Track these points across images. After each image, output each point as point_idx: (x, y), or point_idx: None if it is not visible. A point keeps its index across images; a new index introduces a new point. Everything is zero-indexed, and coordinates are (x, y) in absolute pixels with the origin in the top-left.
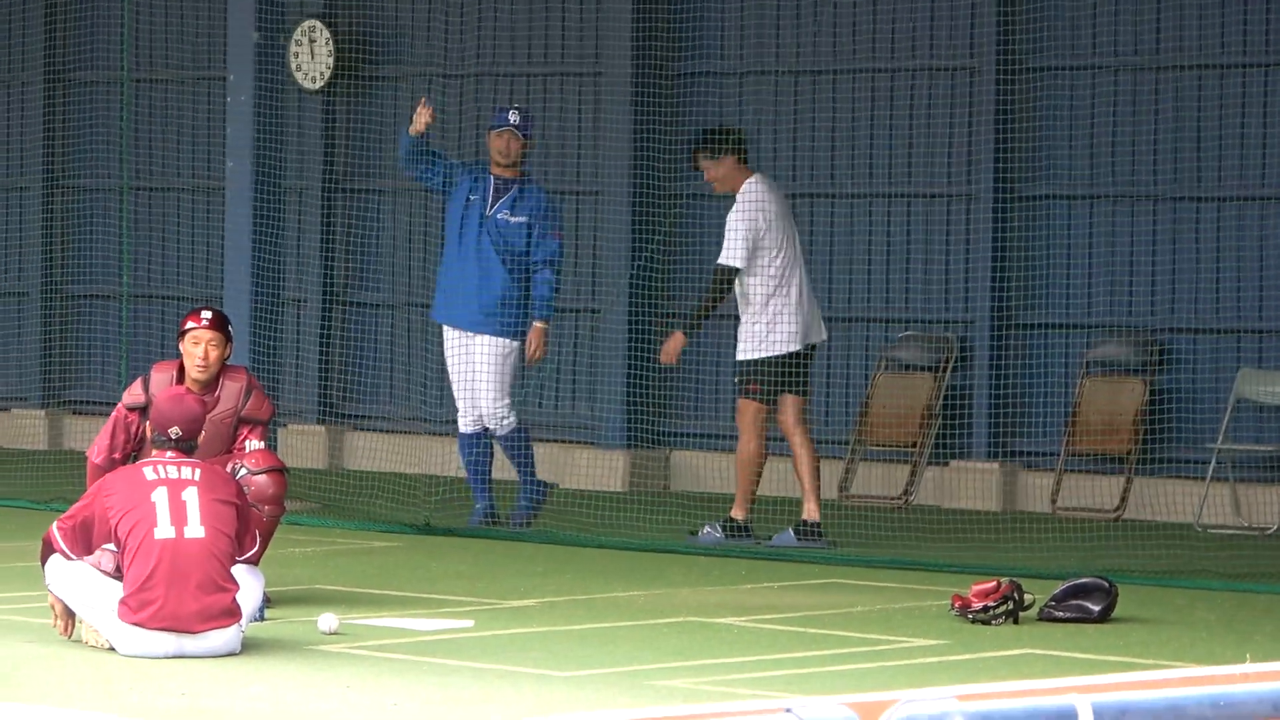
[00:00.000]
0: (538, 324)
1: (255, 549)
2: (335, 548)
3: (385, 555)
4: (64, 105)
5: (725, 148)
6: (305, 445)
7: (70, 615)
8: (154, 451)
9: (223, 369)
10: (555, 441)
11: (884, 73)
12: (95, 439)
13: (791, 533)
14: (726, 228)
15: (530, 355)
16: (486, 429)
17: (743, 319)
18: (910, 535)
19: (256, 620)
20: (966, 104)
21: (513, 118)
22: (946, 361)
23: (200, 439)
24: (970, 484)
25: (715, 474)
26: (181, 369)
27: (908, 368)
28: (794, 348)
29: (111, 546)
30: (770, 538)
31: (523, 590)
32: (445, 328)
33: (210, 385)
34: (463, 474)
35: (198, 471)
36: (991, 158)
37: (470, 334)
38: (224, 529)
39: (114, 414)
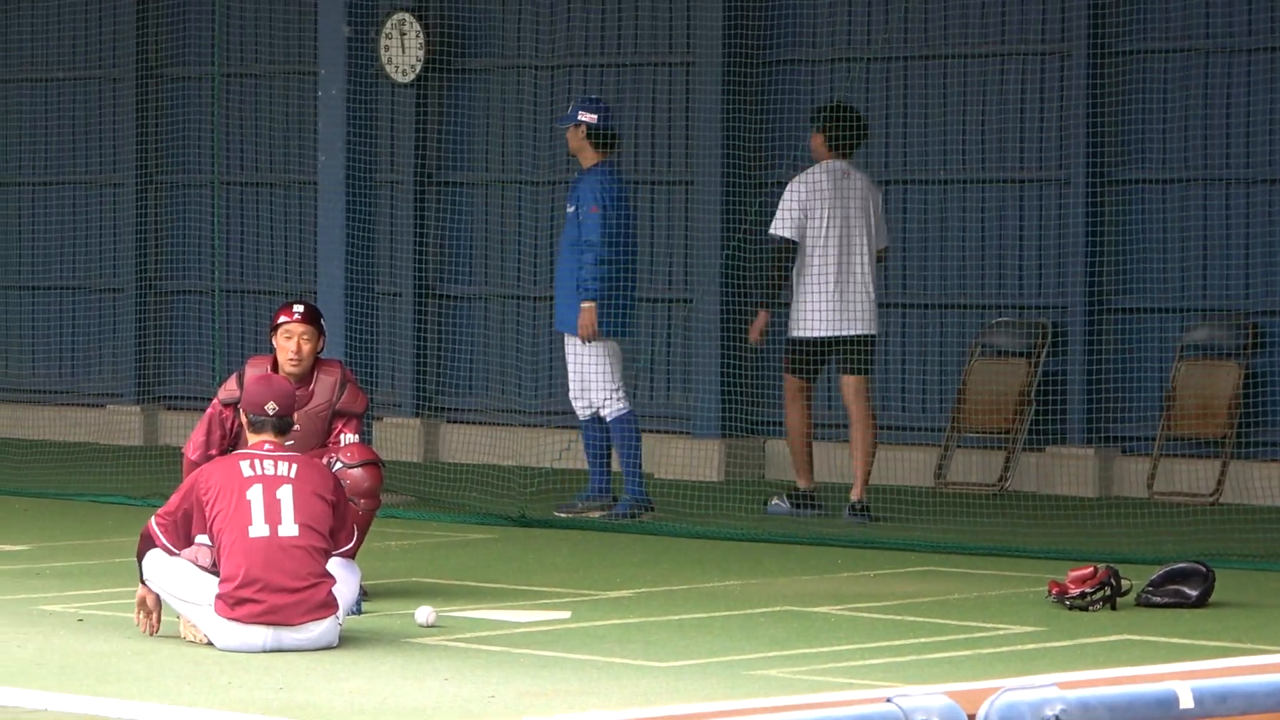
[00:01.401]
0: (583, 304)
1: (350, 545)
2: (431, 540)
3: (481, 547)
4: (156, 101)
5: (819, 124)
6: (400, 438)
7: (158, 610)
8: (251, 439)
9: (317, 363)
10: (650, 432)
11: (975, 58)
12: (191, 435)
13: (786, 501)
14: (788, 198)
15: (580, 334)
16: (598, 415)
17: (794, 296)
18: (1007, 521)
19: (353, 614)
20: (1058, 88)
21: (572, 111)
22: (1041, 346)
23: (295, 427)
24: (1066, 469)
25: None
26: (275, 364)
27: (1002, 353)
28: (838, 331)
29: (207, 541)
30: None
31: (620, 581)
32: None
33: (304, 379)
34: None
35: (294, 467)
36: (1084, 142)
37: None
38: (318, 525)
39: (209, 410)
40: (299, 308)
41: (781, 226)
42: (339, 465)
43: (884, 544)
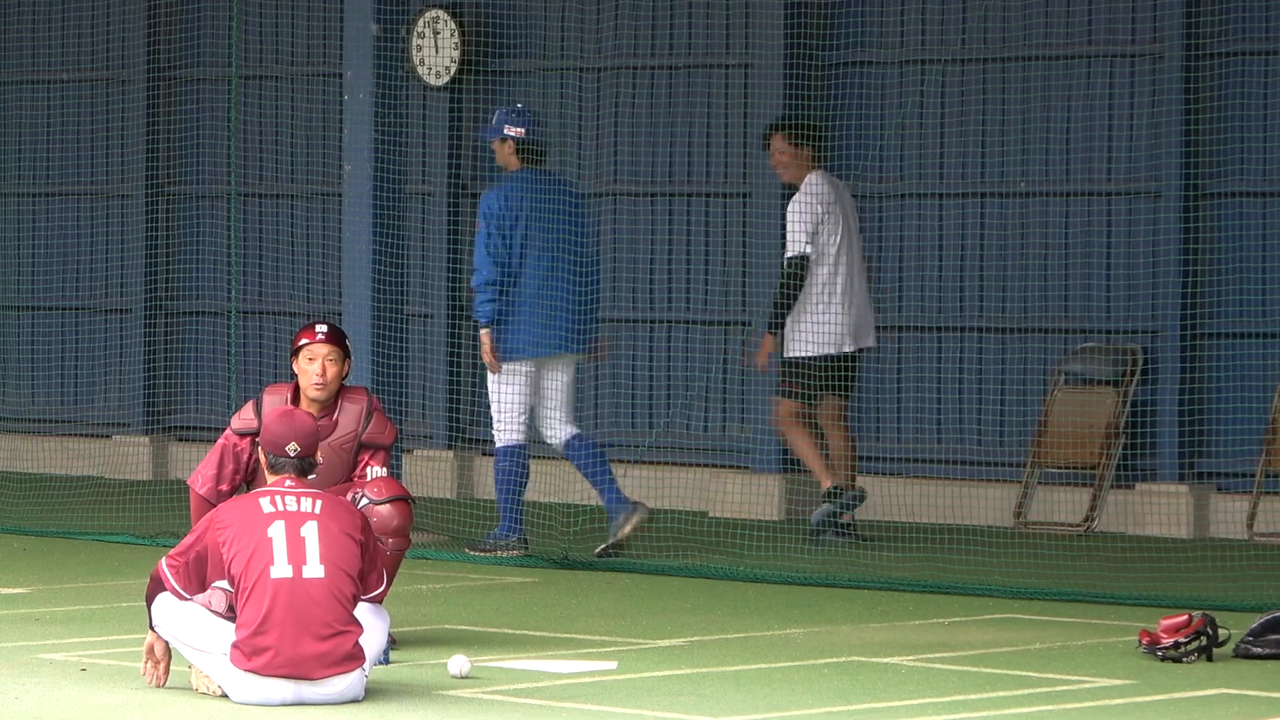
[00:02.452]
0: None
1: (380, 590)
2: (466, 584)
3: (520, 591)
4: (168, 105)
5: (808, 139)
6: (432, 472)
7: (168, 659)
8: (270, 479)
9: (341, 390)
10: (704, 466)
11: (1058, 60)
12: (199, 467)
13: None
14: (788, 218)
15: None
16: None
17: (791, 315)
18: (1093, 565)
19: (381, 664)
20: (1149, 93)
21: (497, 123)
22: (1130, 374)
23: (318, 462)
24: (1158, 508)
25: (875, 499)
26: (297, 391)
27: (1088, 381)
28: (842, 349)
29: (224, 585)
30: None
31: (670, 629)
32: None
33: (328, 406)
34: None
35: (318, 503)
36: (1178, 151)
37: None
38: (346, 567)
39: (221, 440)
40: (322, 328)
41: (798, 246)
42: (365, 501)
43: (959, 589)
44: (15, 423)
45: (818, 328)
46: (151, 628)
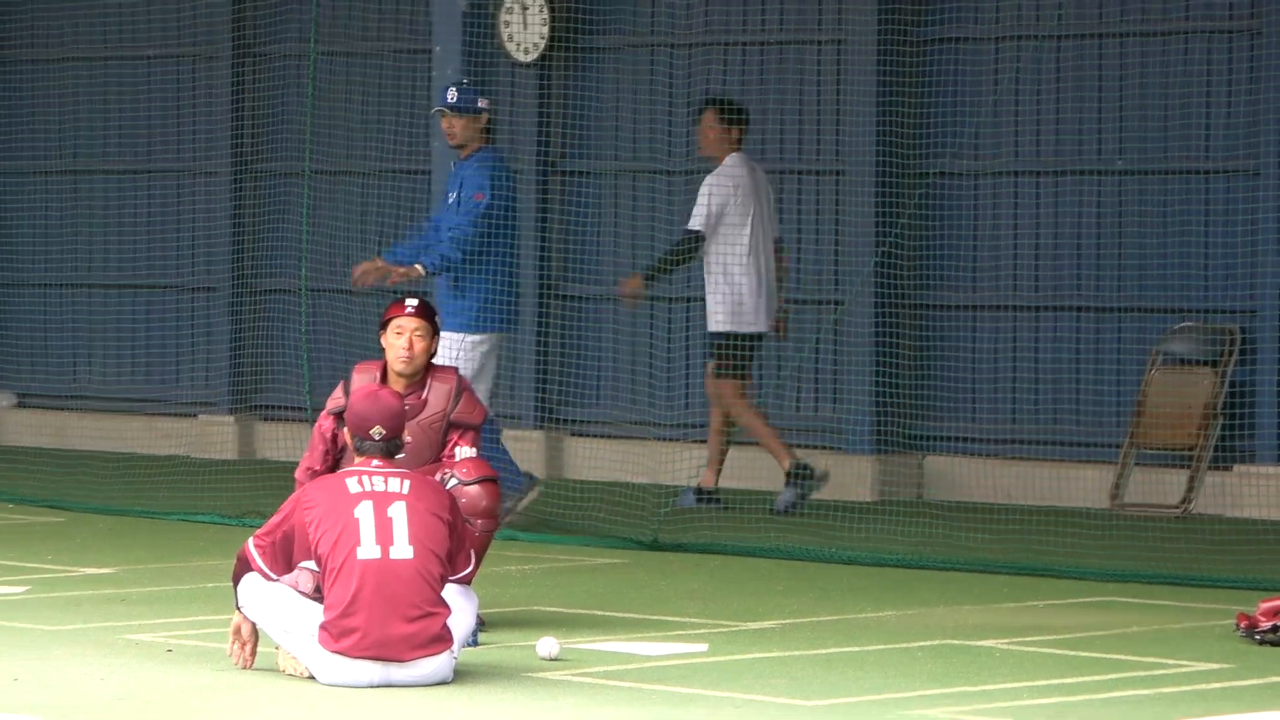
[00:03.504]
0: (405, 266)
1: (467, 570)
2: (555, 565)
3: (610, 573)
4: (254, 81)
5: (739, 121)
6: (521, 452)
7: (254, 641)
8: (357, 460)
9: (430, 369)
10: (796, 447)
11: (1155, 36)
12: (303, 457)
13: (693, 494)
14: (700, 193)
15: (359, 278)
16: None
17: (711, 291)
18: (1190, 547)
19: (469, 645)
20: (1247, 69)
21: (449, 95)
22: (1228, 354)
23: (405, 442)
24: (1256, 490)
25: (973, 481)
26: (385, 369)
27: (1185, 362)
28: (759, 328)
29: (311, 565)
30: (677, 496)
31: (762, 611)
32: None
33: (416, 382)
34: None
35: (406, 483)
36: (1277, 129)
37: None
38: (434, 547)
39: (317, 424)
40: (412, 302)
41: (697, 222)
42: (454, 482)
43: (1054, 572)
44: (102, 401)
45: (743, 304)
46: (238, 608)
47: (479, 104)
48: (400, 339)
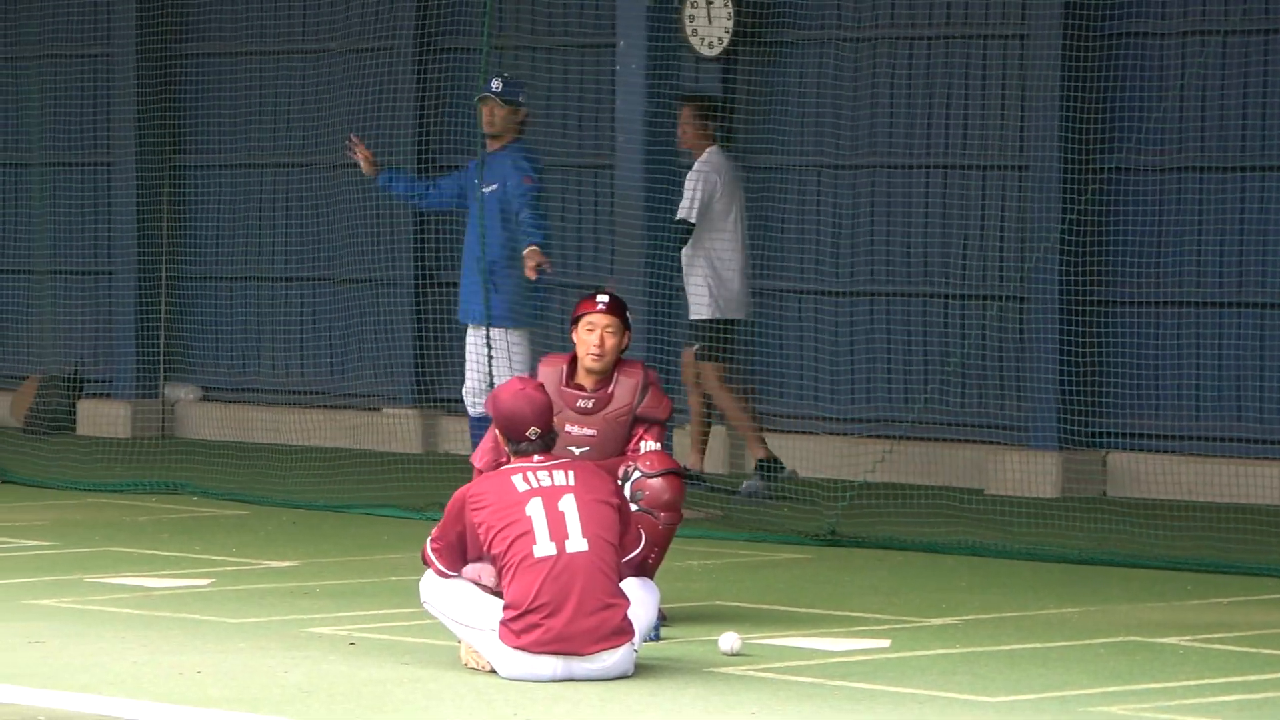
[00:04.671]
0: (529, 248)
1: (638, 550)
2: (736, 560)
3: (791, 568)
4: (437, 75)
5: (716, 116)
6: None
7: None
8: (513, 459)
9: (618, 362)
10: (980, 443)
11: None
12: (480, 442)
13: (757, 479)
14: (687, 184)
15: (530, 274)
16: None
17: (693, 278)
18: None
19: (651, 640)
20: None
21: (495, 85)
22: None
23: (559, 433)
24: None
25: (1158, 478)
26: (573, 362)
27: None
28: (741, 315)
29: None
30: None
31: (944, 607)
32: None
33: (605, 378)
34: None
35: (571, 474)
36: None
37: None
38: (608, 536)
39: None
40: (604, 298)
41: (688, 210)
42: (637, 474)
43: (1238, 569)
44: (284, 395)
45: (727, 291)
46: (423, 605)
47: (520, 98)
48: (592, 335)
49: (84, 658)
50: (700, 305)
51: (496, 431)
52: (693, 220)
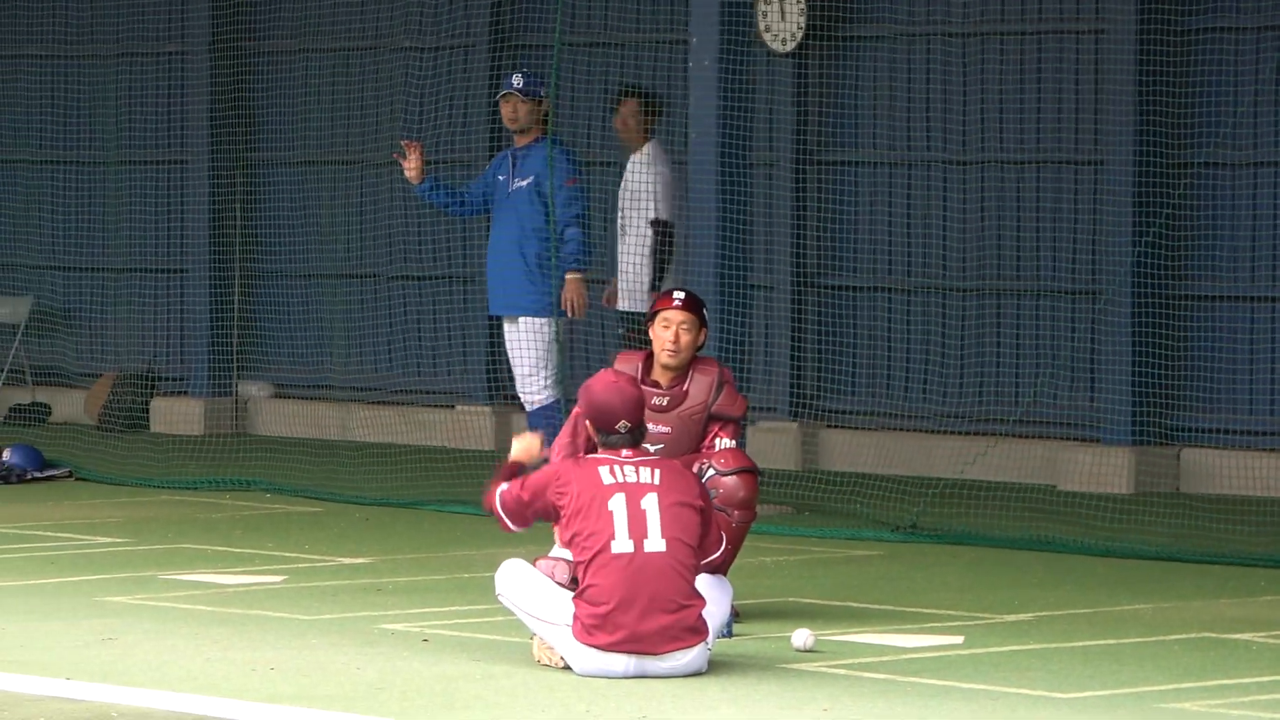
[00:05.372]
0: (568, 276)
1: (719, 553)
2: (810, 556)
3: (865, 564)
4: (510, 71)
5: (658, 110)
6: (776, 444)
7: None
8: (601, 450)
9: (694, 360)
10: (1053, 439)
11: None
12: (556, 437)
13: None
14: (658, 182)
15: (566, 308)
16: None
17: (627, 270)
18: None
19: (724, 636)
20: None
21: (515, 80)
22: None
23: (648, 429)
24: None
25: (1232, 473)
26: (649, 358)
27: None
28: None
29: (567, 555)
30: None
31: (1018, 603)
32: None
33: (680, 375)
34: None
35: (657, 473)
36: None
37: (511, 318)
38: (687, 538)
39: (575, 409)
40: (679, 295)
41: (666, 210)
42: (712, 472)
43: None
44: (358, 392)
45: (664, 283)
46: (498, 597)
47: (542, 91)
48: (667, 331)
49: (157, 655)
50: (629, 297)
51: (586, 422)
52: (667, 218)
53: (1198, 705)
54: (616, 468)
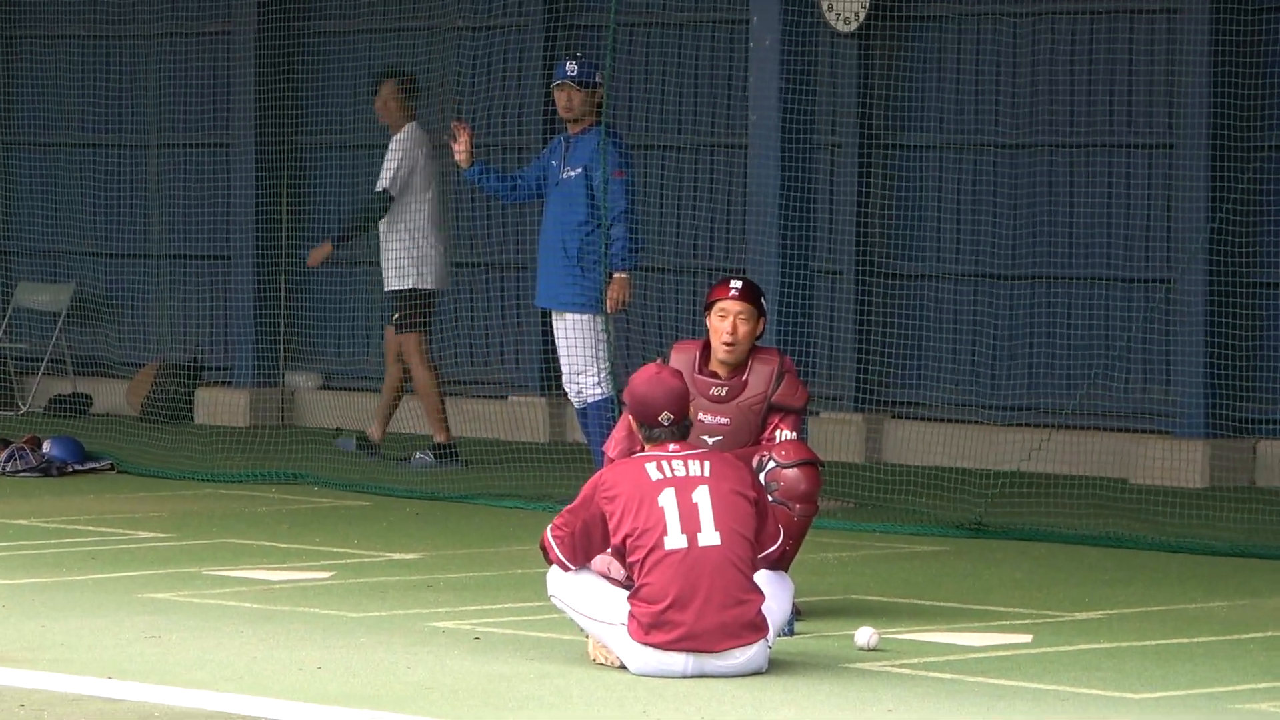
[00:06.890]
0: (616, 275)
1: (776, 545)
2: (874, 552)
3: (931, 561)
4: (565, 53)
5: (416, 92)
6: (840, 436)
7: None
8: (647, 446)
9: (753, 350)
10: (1124, 431)
11: None
12: (613, 431)
13: (430, 454)
14: (389, 157)
15: (609, 307)
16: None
17: (391, 250)
18: None
19: (785, 634)
20: None
21: (570, 69)
22: None
23: (694, 421)
24: None
25: None
26: (706, 348)
27: None
28: (442, 285)
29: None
30: (408, 459)
31: (1088, 600)
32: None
33: (738, 366)
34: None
35: (706, 465)
36: None
37: (557, 313)
38: (742, 529)
39: (625, 408)
40: (736, 284)
41: (386, 182)
42: (772, 464)
43: None
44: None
45: (427, 263)
46: (550, 598)
47: (596, 79)
48: (724, 322)
49: (201, 653)
50: (398, 277)
51: (630, 417)
52: (393, 193)
53: (1274, 706)
54: (664, 463)
